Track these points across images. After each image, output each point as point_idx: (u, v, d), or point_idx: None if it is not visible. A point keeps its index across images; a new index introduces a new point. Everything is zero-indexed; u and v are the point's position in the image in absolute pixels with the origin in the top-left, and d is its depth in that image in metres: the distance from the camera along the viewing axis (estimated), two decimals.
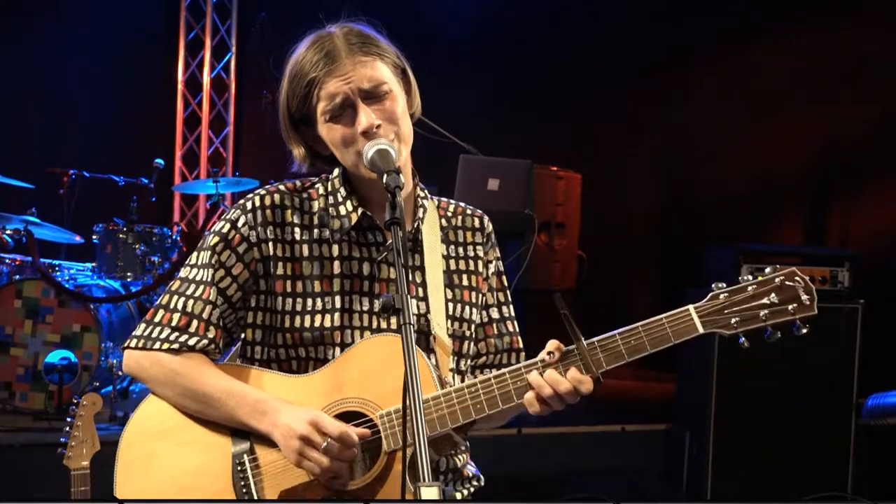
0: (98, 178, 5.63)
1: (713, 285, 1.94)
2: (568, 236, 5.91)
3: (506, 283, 2.27)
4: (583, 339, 1.91)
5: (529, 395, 1.92)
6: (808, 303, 1.91)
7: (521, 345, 2.25)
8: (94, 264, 5.30)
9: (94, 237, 5.27)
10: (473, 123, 6.17)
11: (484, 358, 2.22)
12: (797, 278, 1.93)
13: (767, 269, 1.94)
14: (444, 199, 2.26)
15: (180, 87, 7.58)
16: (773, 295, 1.91)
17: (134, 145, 7.05)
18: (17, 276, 4.83)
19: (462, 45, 7.13)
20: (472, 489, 2.14)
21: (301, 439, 1.88)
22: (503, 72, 7.14)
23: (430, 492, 1.51)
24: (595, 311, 7.11)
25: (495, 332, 2.22)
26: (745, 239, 5.83)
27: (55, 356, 4.69)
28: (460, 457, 2.14)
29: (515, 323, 2.25)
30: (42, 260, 4.90)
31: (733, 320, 1.91)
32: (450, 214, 2.22)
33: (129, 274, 5.20)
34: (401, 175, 1.86)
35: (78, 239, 5.39)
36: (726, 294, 1.93)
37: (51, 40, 6.78)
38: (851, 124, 6.23)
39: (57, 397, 4.65)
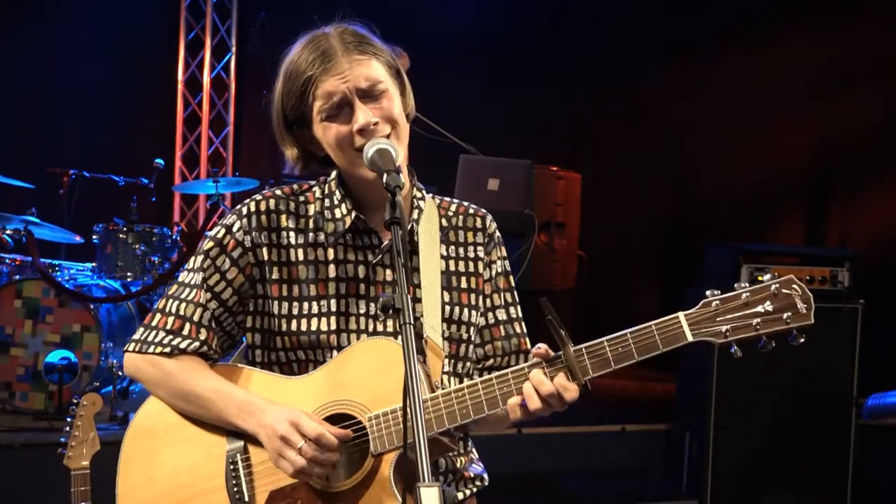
0: (98, 178, 5.63)
1: (707, 292, 1.85)
2: (568, 236, 5.92)
3: (513, 284, 2.23)
4: (570, 344, 1.86)
5: (513, 399, 1.89)
6: (804, 311, 1.81)
7: (528, 346, 2.20)
8: (94, 264, 5.30)
9: (94, 237, 5.27)
10: (473, 123, 6.17)
11: (491, 360, 2.19)
12: (794, 286, 1.83)
13: (766, 277, 1.88)
14: (447, 199, 2.23)
15: (180, 87, 7.57)
16: (767, 303, 1.82)
17: (134, 145, 7.05)
18: (17, 276, 4.82)
19: (462, 44, 7.13)
20: (474, 490, 2.13)
21: (281, 439, 1.89)
22: (503, 72, 7.14)
23: (429, 492, 1.51)
24: (595, 311, 7.12)
25: (502, 333, 2.18)
26: (745, 239, 5.83)
27: (55, 356, 4.69)
28: (461, 458, 2.12)
29: (523, 324, 2.21)
30: (42, 260, 4.89)
31: (724, 328, 1.83)
32: (451, 214, 2.19)
33: (129, 274, 5.20)
34: (401, 174, 1.85)
35: (78, 239, 5.38)
36: (718, 301, 1.84)
37: (51, 40, 6.78)
38: (851, 124, 6.24)
39: (57, 397, 4.65)
